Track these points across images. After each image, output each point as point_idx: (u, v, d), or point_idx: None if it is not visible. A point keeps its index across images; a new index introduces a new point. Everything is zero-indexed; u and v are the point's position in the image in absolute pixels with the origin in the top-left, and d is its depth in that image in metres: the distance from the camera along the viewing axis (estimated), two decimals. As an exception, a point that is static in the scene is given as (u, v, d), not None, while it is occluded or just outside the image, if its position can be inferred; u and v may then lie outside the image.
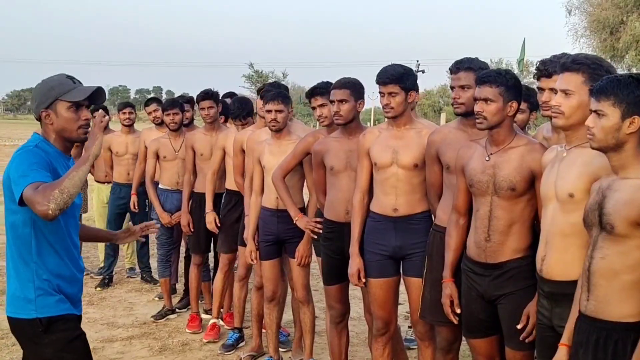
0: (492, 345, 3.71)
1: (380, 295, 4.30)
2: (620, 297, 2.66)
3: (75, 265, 3.23)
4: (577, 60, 3.12)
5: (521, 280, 3.45)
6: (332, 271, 4.63)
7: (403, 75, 4.12)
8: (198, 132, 6.52)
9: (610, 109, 2.67)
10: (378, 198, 4.27)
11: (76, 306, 3.26)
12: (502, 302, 3.53)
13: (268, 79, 41.39)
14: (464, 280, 3.71)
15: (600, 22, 30.21)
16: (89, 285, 7.90)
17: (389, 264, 4.26)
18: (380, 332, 4.37)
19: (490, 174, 3.49)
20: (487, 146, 3.58)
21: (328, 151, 4.58)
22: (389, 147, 4.19)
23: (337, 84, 4.46)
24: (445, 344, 4.08)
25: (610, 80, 2.72)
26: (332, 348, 4.91)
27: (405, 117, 4.21)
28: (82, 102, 3.14)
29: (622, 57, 30.74)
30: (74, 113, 3.13)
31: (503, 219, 3.47)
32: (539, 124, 6.63)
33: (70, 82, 3.16)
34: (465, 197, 3.71)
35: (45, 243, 3.09)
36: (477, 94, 3.49)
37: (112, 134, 8.01)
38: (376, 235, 4.25)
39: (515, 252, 3.48)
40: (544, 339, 3.22)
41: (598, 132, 2.70)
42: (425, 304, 4.05)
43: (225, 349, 5.83)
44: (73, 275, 3.22)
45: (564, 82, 3.09)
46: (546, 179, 3.17)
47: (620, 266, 2.65)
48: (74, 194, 2.83)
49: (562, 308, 3.05)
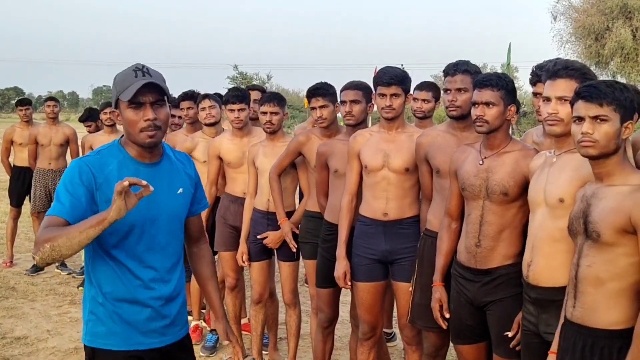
0: (479, 352, 3.68)
1: (367, 300, 4.27)
2: (607, 304, 2.66)
3: (144, 289, 2.76)
4: (570, 66, 3.11)
5: (510, 287, 3.41)
6: (327, 274, 4.55)
7: (405, 78, 4.14)
8: (179, 133, 6.43)
9: (613, 113, 2.65)
10: (368, 202, 4.24)
11: (137, 339, 2.78)
12: (490, 309, 3.50)
13: (252, 81, 41.32)
14: (453, 285, 3.68)
15: (585, 29, 30.38)
16: (71, 284, 7.86)
17: (377, 268, 4.23)
18: (366, 336, 4.34)
19: (484, 178, 3.47)
20: (482, 150, 3.55)
21: (333, 153, 4.53)
22: (380, 150, 4.16)
23: (348, 85, 4.45)
24: (433, 349, 4.05)
25: (607, 85, 2.69)
26: (316, 353, 4.87)
27: (400, 119, 4.22)
28: (142, 99, 2.64)
29: (607, 63, 30.94)
30: (134, 113, 2.65)
31: (494, 224, 3.45)
32: (523, 129, 6.65)
33: (132, 76, 2.67)
34: (457, 201, 3.69)
35: (103, 261, 2.73)
36: (478, 98, 3.44)
37: (94, 134, 7.94)
38: (365, 239, 4.23)
39: (505, 259, 3.45)
40: (529, 345, 3.21)
41: (602, 138, 2.64)
42: (414, 309, 4.02)
43: (207, 351, 5.78)
44: (137, 300, 2.75)
45: (559, 89, 3.06)
46: (535, 184, 3.16)
47: (607, 274, 2.64)
48: (66, 255, 2.47)
49: (549, 314, 3.04)
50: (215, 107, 5.73)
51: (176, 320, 2.91)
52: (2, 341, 5.86)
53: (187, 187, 2.92)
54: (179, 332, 2.95)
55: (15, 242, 8.98)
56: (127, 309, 2.76)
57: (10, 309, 6.81)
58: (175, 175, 2.87)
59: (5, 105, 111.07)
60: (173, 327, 2.90)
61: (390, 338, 6.08)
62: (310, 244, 4.84)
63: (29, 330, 6.18)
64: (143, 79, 2.64)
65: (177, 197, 2.86)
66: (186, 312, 3.05)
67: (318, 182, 4.74)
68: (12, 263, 8.63)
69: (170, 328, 2.88)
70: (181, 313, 2.95)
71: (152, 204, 2.68)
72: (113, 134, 7.83)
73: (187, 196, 2.93)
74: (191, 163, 3.03)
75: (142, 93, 2.62)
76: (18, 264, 8.67)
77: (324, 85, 4.76)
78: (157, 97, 2.66)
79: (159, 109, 2.68)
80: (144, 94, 2.63)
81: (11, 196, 8.88)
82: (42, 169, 8.45)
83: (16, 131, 8.76)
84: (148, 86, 2.62)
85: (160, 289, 2.81)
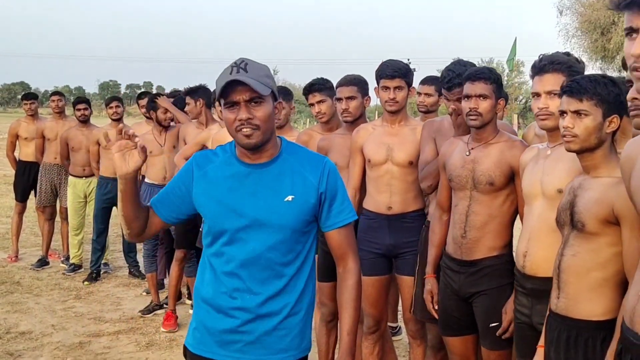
0: (466, 345, 3.69)
1: (371, 293, 4.26)
2: (590, 295, 2.69)
3: (227, 297, 2.57)
4: (556, 60, 3.12)
5: (496, 278, 3.44)
6: (328, 268, 4.53)
7: (408, 70, 4.14)
8: (191, 124, 6.55)
9: (594, 108, 2.68)
10: (372, 196, 4.24)
11: (212, 348, 2.61)
12: (476, 301, 3.53)
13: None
14: (441, 276, 3.72)
15: (591, 23, 30.36)
16: (77, 279, 7.88)
17: (381, 262, 4.23)
18: (371, 330, 4.34)
19: (470, 169, 3.51)
20: (469, 142, 3.59)
21: (332, 147, 4.53)
22: (383, 144, 4.16)
23: (343, 81, 4.43)
24: (436, 341, 4.06)
25: (589, 80, 2.72)
26: (320, 346, 4.88)
27: (403, 112, 4.22)
28: (235, 98, 2.45)
29: (612, 57, 30.90)
30: (229, 112, 2.47)
31: (480, 215, 3.47)
32: (529, 123, 6.64)
33: (228, 72, 2.47)
34: (448, 193, 3.73)
35: (202, 257, 2.69)
36: (470, 91, 3.45)
37: (100, 128, 8.02)
38: (369, 233, 4.22)
39: (490, 250, 3.48)
40: (524, 338, 3.21)
41: (582, 132, 2.69)
42: (417, 301, 4.04)
43: None
44: (218, 306, 2.58)
45: (547, 83, 3.09)
46: (530, 176, 3.17)
47: (591, 264, 2.68)
48: (126, 218, 2.58)
49: (544, 305, 3.04)
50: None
51: (264, 341, 2.58)
52: (7, 336, 5.86)
53: (301, 195, 2.56)
54: (267, 356, 2.59)
55: (21, 236, 8.99)
56: (207, 313, 2.61)
57: (15, 304, 6.81)
58: (288, 181, 2.57)
59: (12, 100, 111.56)
60: (257, 347, 2.58)
61: (396, 332, 6.08)
62: None
63: (34, 325, 6.18)
64: (237, 75, 2.44)
65: (283, 205, 2.54)
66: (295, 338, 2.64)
67: None
68: (17, 258, 8.64)
69: (251, 347, 2.58)
70: (277, 336, 2.59)
71: (249, 209, 2.53)
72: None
73: (301, 205, 2.56)
74: (324, 171, 2.62)
75: (234, 91, 2.44)
76: (23, 259, 8.67)
77: (319, 80, 4.77)
78: (251, 95, 2.44)
79: (256, 107, 2.46)
80: (236, 92, 2.44)
81: (16, 191, 8.89)
82: (48, 163, 8.46)
83: (22, 125, 8.77)
84: (237, 83, 2.43)
85: (244, 301, 2.56)
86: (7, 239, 9.38)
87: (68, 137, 8.13)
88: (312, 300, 2.69)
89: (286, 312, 2.58)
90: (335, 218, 2.62)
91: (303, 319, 2.64)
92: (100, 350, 5.63)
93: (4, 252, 9.01)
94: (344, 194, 2.65)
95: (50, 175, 8.44)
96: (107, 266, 8.37)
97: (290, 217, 2.54)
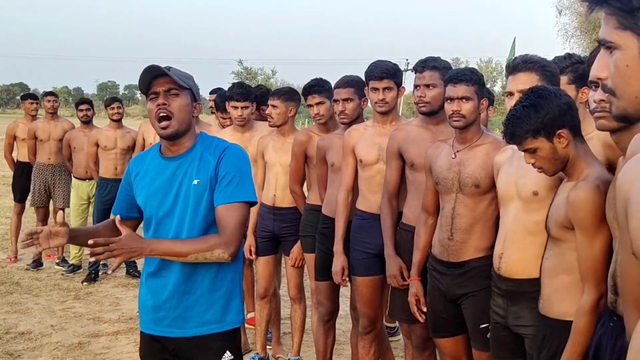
0: (457, 345, 3.72)
1: (366, 294, 4.29)
2: (560, 296, 2.76)
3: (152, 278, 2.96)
4: (529, 60, 3.14)
5: (483, 279, 3.43)
6: (325, 267, 4.56)
7: (396, 71, 4.16)
8: None
9: (537, 143, 2.74)
10: (364, 196, 4.26)
11: (150, 325, 3.01)
12: (464, 303, 3.55)
13: (257, 76, 41.38)
14: (428, 279, 3.73)
15: (590, 23, 30.34)
16: (76, 279, 7.90)
17: (375, 262, 4.23)
18: (367, 330, 4.36)
19: (456, 171, 3.52)
20: (454, 144, 3.60)
21: (330, 148, 4.55)
22: (374, 144, 4.18)
23: (340, 83, 4.43)
24: (420, 341, 4.07)
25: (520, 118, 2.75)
26: (318, 346, 4.90)
27: (394, 113, 4.24)
28: (155, 90, 2.77)
29: (612, 57, 30.83)
30: (150, 103, 2.82)
31: (466, 217, 3.49)
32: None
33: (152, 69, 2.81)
34: (433, 196, 3.72)
35: None
36: (453, 93, 3.47)
37: (99, 129, 8.07)
38: (362, 233, 4.24)
39: (477, 251, 3.49)
40: (498, 338, 3.24)
41: (546, 165, 2.77)
42: (394, 303, 4.07)
43: None
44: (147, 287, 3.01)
45: (520, 82, 3.10)
46: (505, 177, 3.19)
47: (559, 268, 2.76)
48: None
49: (519, 306, 3.08)
50: (248, 108, 5.54)
51: (188, 315, 2.86)
52: (6, 336, 5.89)
53: (206, 178, 2.79)
54: (193, 329, 2.87)
55: (20, 237, 9.00)
56: (142, 293, 3.01)
57: (14, 304, 6.84)
58: (195, 167, 2.82)
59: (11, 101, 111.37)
60: (184, 321, 2.87)
61: (394, 333, 6.10)
62: (310, 237, 4.84)
63: (33, 326, 6.21)
64: (160, 70, 2.77)
65: (192, 188, 2.80)
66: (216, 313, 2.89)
67: (319, 176, 4.76)
68: (16, 258, 8.65)
69: (178, 322, 2.87)
70: (200, 310, 2.86)
71: (168, 197, 2.84)
72: (119, 129, 7.92)
73: (204, 186, 2.79)
74: (222, 154, 2.83)
75: (156, 83, 2.77)
76: (22, 260, 8.68)
77: (318, 82, 4.77)
78: (169, 86, 2.77)
79: (173, 98, 2.79)
80: (157, 84, 2.77)
81: (14, 191, 8.91)
82: (42, 163, 8.47)
83: (19, 126, 8.79)
84: (159, 76, 2.77)
85: (166, 278, 2.87)
86: (7, 240, 9.40)
87: (70, 138, 8.16)
88: (235, 275, 2.94)
89: (204, 287, 2.85)
90: (219, 194, 2.78)
91: (225, 294, 2.89)
92: (99, 351, 5.66)
93: (4, 253, 9.05)
94: (239, 176, 2.81)
95: (44, 175, 8.46)
96: (106, 267, 8.38)
97: (198, 198, 2.80)
